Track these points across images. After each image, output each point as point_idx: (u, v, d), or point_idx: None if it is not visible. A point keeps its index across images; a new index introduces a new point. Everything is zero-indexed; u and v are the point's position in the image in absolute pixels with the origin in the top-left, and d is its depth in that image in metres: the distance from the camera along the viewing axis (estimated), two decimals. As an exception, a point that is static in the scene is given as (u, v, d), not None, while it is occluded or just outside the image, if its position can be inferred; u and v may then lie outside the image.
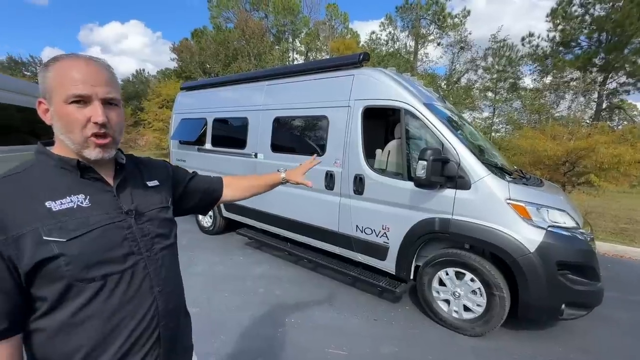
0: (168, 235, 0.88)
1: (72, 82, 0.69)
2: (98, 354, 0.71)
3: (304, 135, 3.76)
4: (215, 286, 3.33)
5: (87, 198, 0.73)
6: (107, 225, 0.74)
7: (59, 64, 0.71)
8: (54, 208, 0.68)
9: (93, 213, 0.73)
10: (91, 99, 0.71)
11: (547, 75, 17.18)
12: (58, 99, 0.70)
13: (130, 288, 0.75)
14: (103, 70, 0.74)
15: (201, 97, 5.11)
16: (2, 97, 4.82)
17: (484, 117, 18.72)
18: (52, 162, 0.74)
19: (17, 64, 32.83)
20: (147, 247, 0.80)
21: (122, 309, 0.73)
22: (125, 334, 0.74)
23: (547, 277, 2.29)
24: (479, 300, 2.56)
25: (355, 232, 3.18)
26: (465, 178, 2.54)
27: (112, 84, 0.75)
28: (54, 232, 0.66)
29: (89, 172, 0.76)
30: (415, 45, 19.81)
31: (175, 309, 0.87)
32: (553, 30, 16.05)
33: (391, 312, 2.96)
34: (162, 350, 0.81)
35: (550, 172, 6.69)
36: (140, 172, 0.91)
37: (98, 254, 0.71)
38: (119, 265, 0.74)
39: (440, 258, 2.70)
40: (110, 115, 0.73)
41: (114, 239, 0.74)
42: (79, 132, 0.71)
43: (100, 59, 0.76)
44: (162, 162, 1.04)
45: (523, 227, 2.36)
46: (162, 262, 0.83)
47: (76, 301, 0.68)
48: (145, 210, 0.83)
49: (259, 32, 20.21)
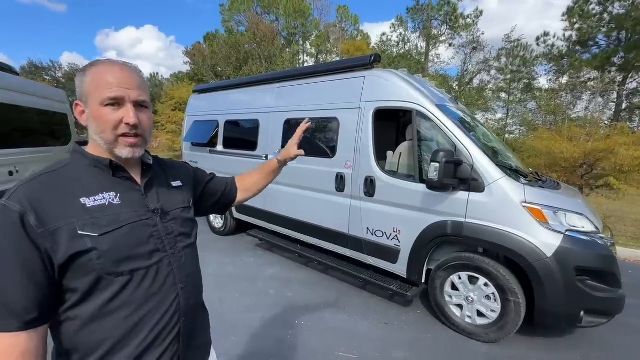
0: (190, 235, 0.91)
1: (108, 85, 0.74)
2: (122, 346, 0.73)
3: (315, 137, 3.76)
4: (227, 287, 3.35)
5: (117, 196, 0.77)
6: (136, 223, 0.77)
7: (96, 69, 0.76)
8: (88, 204, 0.72)
9: (123, 210, 0.76)
10: (124, 102, 0.75)
11: (563, 76, 16.74)
12: (94, 101, 0.74)
13: (155, 283, 0.78)
14: (135, 75, 0.79)
15: (213, 99, 5.18)
16: (23, 101, 5.00)
17: (497, 119, 18.38)
18: (87, 161, 0.78)
19: (37, 68, 34.00)
20: (171, 245, 0.83)
21: (147, 303, 0.76)
22: (149, 327, 0.76)
23: (565, 283, 2.22)
24: (493, 305, 2.50)
25: (366, 235, 3.16)
26: (478, 180, 2.49)
27: (143, 88, 0.80)
28: (88, 227, 0.70)
29: (120, 171, 0.80)
30: (427, 47, 19.62)
31: (195, 305, 0.90)
32: (569, 29, 15.66)
33: (402, 316, 2.92)
34: (180, 347, 0.83)
35: (567, 174, 6.51)
36: (165, 172, 0.95)
37: (127, 249, 0.74)
38: (145, 261, 0.77)
39: (452, 262, 2.65)
40: (141, 117, 0.78)
41: (141, 236, 0.78)
42: (112, 132, 0.75)
43: (132, 64, 0.81)
44: (183, 163, 1.09)
45: (539, 231, 2.30)
46: (185, 260, 0.86)
47: (104, 294, 0.71)
48: (170, 209, 0.87)
49: (270, 35, 20.38)
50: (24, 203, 0.66)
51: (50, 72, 34.82)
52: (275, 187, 3.94)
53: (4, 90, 4.59)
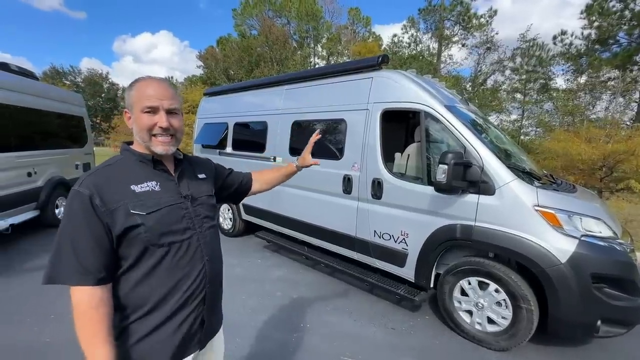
0: (213, 218, 1.11)
1: (147, 97, 0.94)
2: (164, 303, 0.92)
3: (322, 138, 3.71)
4: (234, 288, 3.36)
5: (158, 184, 0.97)
6: (172, 206, 0.96)
7: (139, 84, 0.97)
8: (137, 190, 0.91)
9: (163, 195, 0.95)
10: (159, 110, 0.95)
11: (582, 75, 16.23)
12: (137, 109, 0.95)
13: (187, 254, 0.96)
14: (168, 88, 0.98)
15: (223, 102, 5.24)
16: (43, 105, 5.17)
17: (512, 120, 17.95)
18: (134, 157, 0.98)
19: (58, 73, 35.25)
20: (199, 224, 1.02)
21: (181, 270, 0.95)
22: (184, 289, 0.95)
23: (580, 290, 2.12)
24: (504, 312, 2.42)
25: (373, 238, 3.12)
26: (489, 183, 2.42)
27: (175, 98, 0.99)
28: (137, 207, 0.89)
29: (159, 164, 1.00)
30: (439, 47, 19.38)
31: (217, 276, 1.09)
32: (588, 27, 15.16)
33: (410, 321, 2.87)
34: (205, 308, 1.02)
35: (585, 177, 6.29)
36: (192, 167, 1.14)
37: (166, 225, 0.93)
38: (180, 235, 0.95)
39: (462, 266, 2.58)
40: (172, 121, 0.97)
41: (177, 216, 0.96)
42: (147, 133, 0.95)
43: (166, 79, 1.04)
44: (207, 160, 1.30)
45: (553, 236, 2.21)
46: (209, 238, 1.05)
47: (149, 261, 0.90)
48: (198, 196, 1.06)
49: (282, 38, 20.56)
50: (91, 188, 0.86)
51: (70, 76, 36.04)
52: (283, 188, 3.94)
53: (25, 95, 4.77)
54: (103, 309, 0.84)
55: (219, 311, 1.16)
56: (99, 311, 0.83)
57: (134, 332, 0.90)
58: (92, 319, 0.82)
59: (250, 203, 4.50)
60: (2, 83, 4.35)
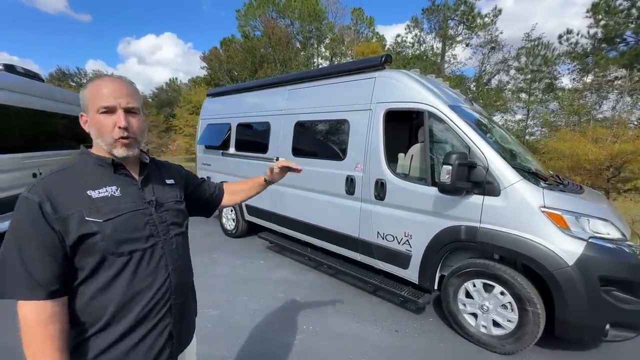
0: (181, 224, 1.05)
1: (102, 96, 0.88)
2: (122, 316, 0.87)
3: (325, 139, 3.73)
4: (236, 289, 3.35)
5: (118, 189, 0.91)
6: (134, 212, 0.91)
7: (93, 83, 0.90)
8: (94, 195, 0.86)
9: (123, 201, 0.90)
10: (116, 109, 0.88)
11: (588, 74, 16.03)
12: (92, 110, 0.89)
13: (150, 264, 0.91)
14: (125, 86, 0.91)
15: (226, 102, 5.24)
16: (48, 106, 5.22)
17: (517, 120, 17.78)
18: (92, 160, 0.92)
19: (65, 75, 35.64)
20: (164, 231, 0.97)
21: (143, 280, 0.90)
22: (145, 301, 0.89)
23: (588, 293, 2.08)
24: (509, 315, 2.38)
25: (376, 239, 3.09)
26: (494, 184, 2.38)
27: (133, 96, 0.92)
28: (93, 213, 0.83)
29: (120, 168, 0.94)
30: (443, 47, 19.27)
31: (185, 286, 1.03)
32: (594, 26, 14.97)
33: (414, 323, 2.83)
34: (172, 320, 0.96)
35: (591, 177, 6.21)
36: (160, 171, 1.09)
37: (126, 233, 0.87)
38: (141, 244, 0.90)
39: (466, 268, 2.55)
40: (131, 121, 0.91)
41: (139, 223, 0.91)
42: (109, 135, 0.89)
43: (123, 77, 0.96)
44: (177, 166, 1.22)
45: (560, 238, 2.17)
46: (176, 246, 0.99)
47: (108, 271, 0.85)
48: (164, 201, 1.00)
49: (285, 39, 20.57)
50: (41, 194, 0.80)
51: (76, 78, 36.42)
52: (286, 189, 3.93)
53: (30, 96, 4.81)
54: (54, 325, 0.79)
55: (190, 323, 1.10)
56: (48, 328, 0.78)
57: (92, 347, 0.85)
58: (40, 335, 0.77)
59: (253, 204, 4.49)
60: (8, 85, 4.39)
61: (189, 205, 1.17)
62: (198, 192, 1.26)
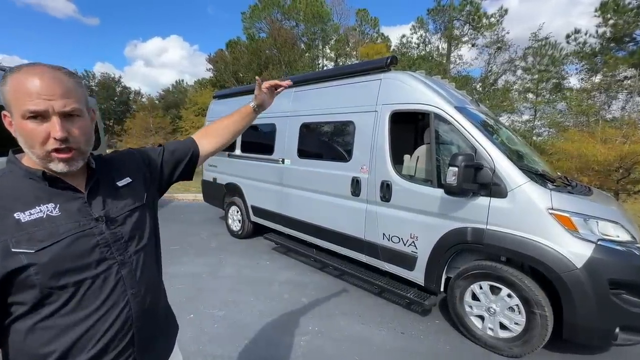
0: (142, 237, 0.87)
1: (28, 96, 0.67)
2: (71, 356, 0.73)
3: (331, 141, 3.74)
4: (242, 290, 3.37)
5: (56, 207, 0.73)
6: (77, 234, 0.74)
7: (15, 76, 0.68)
8: (23, 219, 0.69)
9: (62, 222, 0.73)
10: (48, 114, 0.68)
11: (596, 74, 15.82)
12: (16, 114, 0.68)
13: (102, 293, 0.76)
14: (61, 81, 0.70)
15: (232, 104, 5.27)
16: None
17: (524, 120, 17.61)
18: (21, 172, 0.74)
19: (73, 78, 36.15)
20: (120, 251, 0.80)
21: (94, 314, 0.75)
22: (97, 337, 0.75)
23: (597, 296, 2.05)
24: (517, 318, 2.36)
25: (382, 240, 3.09)
26: (500, 185, 2.37)
27: (71, 94, 0.71)
28: (23, 243, 0.67)
29: (57, 181, 0.75)
30: (448, 48, 19.17)
31: (152, 310, 0.87)
32: (603, 25, 14.79)
33: (420, 325, 2.82)
34: (135, 350, 0.82)
35: (600, 178, 6.12)
36: (111, 172, 0.89)
37: (68, 262, 0.71)
38: (90, 271, 0.74)
39: (473, 270, 2.53)
40: (71, 129, 0.71)
41: (84, 247, 0.74)
42: (41, 148, 0.69)
43: (59, 67, 0.73)
44: (128, 152, 1.01)
45: (568, 240, 2.15)
46: (137, 265, 0.84)
47: (49, 307, 0.70)
48: (117, 214, 0.83)
49: (291, 40, 20.67)
50: None
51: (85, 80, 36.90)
52: (291, 190, 3.95)
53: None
54: None
55: (163, 347, 0.96)
56: None
57: None
58: None
59: (259, 205, 4.52)
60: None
61: (166, 178, 1.04)
62: (167, 162, 1.05)
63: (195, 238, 5.13)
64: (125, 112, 37.44)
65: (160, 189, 1.05)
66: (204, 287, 3.32)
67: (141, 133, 16.77)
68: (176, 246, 4.69)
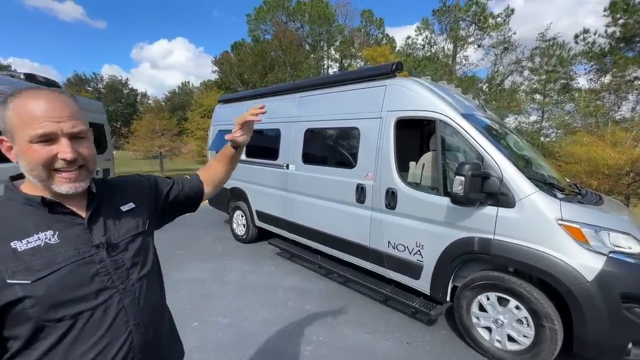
0: (145, 262, 0.85)
1: (36, 120, 0.66)
2: None
3: (335, 146, 3.72)
4: (247, 296, 3.36)
5: (55, 234, 0.71)
6: (76, 262, 0.71)
7: (18, 100, 0.68)
8: (20, 248, 0.67)
9: (61, 250, 0.70)
10: (57, 136, 0.69)
11: (606, 75, 15.56)
12: (22, 138, 0.67)
13: (102, 325, 0.73)
14: (66, 104, 0.71)
15: (237, 109, 5.28)
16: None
17: (531, 122, 17.39)
18: (20, 200, 0.73)
19: (81, 80, 36.71)
20: (122, 279, 0.78)
21: (94, 347, 0.72)
22: None
23: (608, 310, 2.00)
24: (525, 330, 2.31)
25: (387, 248, 3.05)
26: (508, 195, 2.33)
27: (77, 116, 0.72)
28: (19, 274, 0.65)
29: (58, 206, 0.74)
30: (454, 48, 19.03)
31: (156, 339, 0.85)
32: (612, 25, 14.55)
33: (425, 335, 2.78)
34: None
35: (610, 182, 6.01)
36: (114, 196, 0.88)
37: (66, 293, 0.68)
38: (89, 302, 0.72)
39: (480, 281, 2.49)
40: (79, 150, 0.72)
41: (84, 276, 0.72)
42: (45, 169, 0.69)
43: (61, 91, 0.74)
44: (137, 178, 1.01)
45: (578, 252, 2.10)
46: (140, 293, 0.81)
47: (47, 341, 0.67)
48: (119, 240, 0.81)
49: (296, 42, 20.71)
50: None
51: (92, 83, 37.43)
52: (297, 196, 3.93)
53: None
54: None
55: None
56: None
57: None
58: None
59: (263, 210, 4.51)
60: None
61: (169, 210, 1.03)
62: (173, 198, 1.05)
63: (200, 243, 5.14)
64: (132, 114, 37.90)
65: (161, 220, 1.03)
66: (208, 293, 3.33)
67: (148, 135, 16.91)
68: (181, 251, 4.71)
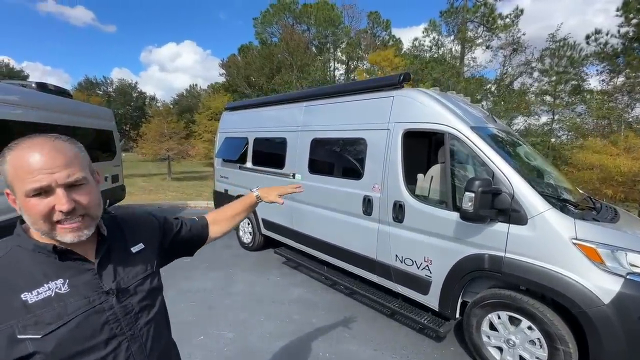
0: (153, 304, 0.85)
1: (29, 174, 0.65)
2: None
3: (342, 157, 3.68)
4: (252, 308, 3.34)
5: (65, 283, 0.70)
6: (87, 312, 0.70)
7: (14, 154, 0.66)
8: (30, 300, 0.65)
9: (71, 300, 0.69)
10: (52, 188, 0.66)
11: (619, 76, 15.21)
12: (19, 192, 0.66)
13: None
14: (60, 152, 0.68)
15: (243, 117, 5.29)
16: (76, 121, 5.43)
17: (542, 123, 17.07)
18: (30, 246, 0.71)
19: (92, 84, 37.36)
20: (130, 325, 0.77)
21: None
22: None
23: (626, 335, 1.92)
24: (538, 352, 2.24)
25: (395, 262, 3.01)
26: (520, 212, 2.26)
27: (73, 164, 0.69)
28: (29, 328, 0.63)
29: (68, 253, 0.72)
30: (462, 50, 18.80)
31: None
32: (625, 24, 14.21)
33: (434, 353, 2.73)
34: None
35: (624, 190, 5.84)
36: (125, 236, 0.87)
37: (76, 345, 0.68)
38: (99, 352, 0.71)
39: (491, 299, 2.42)
40: (78, 198, 0.69)
41: (94, 326, 0.71)
42: (45, 223, 0.67)
43: (57, 136, 0.71)
44: (147, 217, 1.01)
45: (594, 273, 2.02)
46: (147, 337, 0.81)
47: None
48: (129, 284, 0.80)
49: (303, 44, 20.73)
50: None
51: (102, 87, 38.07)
52: (303, 206, 3.91)
53: (60, 113, 5.03)
54: None
55: None
56: None
57: None
58: None
59: (270, 218, 4.50)
60: (42, 104, 4.63)
61: (171, 251, 1.02)
62: (180, 239, 1.06)
63: (206, 249, 5.12)
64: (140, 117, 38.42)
65: (164, 260, 1.02)
66: (214, 305, 3.32)
67: (156, 138, 17.08)
68: (188, 259, 4.71)
